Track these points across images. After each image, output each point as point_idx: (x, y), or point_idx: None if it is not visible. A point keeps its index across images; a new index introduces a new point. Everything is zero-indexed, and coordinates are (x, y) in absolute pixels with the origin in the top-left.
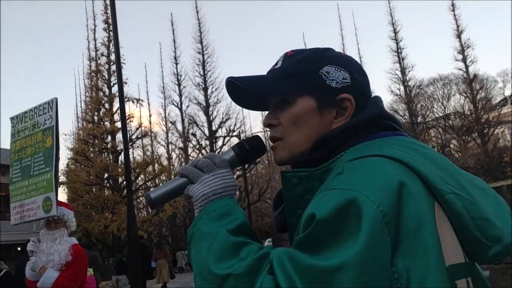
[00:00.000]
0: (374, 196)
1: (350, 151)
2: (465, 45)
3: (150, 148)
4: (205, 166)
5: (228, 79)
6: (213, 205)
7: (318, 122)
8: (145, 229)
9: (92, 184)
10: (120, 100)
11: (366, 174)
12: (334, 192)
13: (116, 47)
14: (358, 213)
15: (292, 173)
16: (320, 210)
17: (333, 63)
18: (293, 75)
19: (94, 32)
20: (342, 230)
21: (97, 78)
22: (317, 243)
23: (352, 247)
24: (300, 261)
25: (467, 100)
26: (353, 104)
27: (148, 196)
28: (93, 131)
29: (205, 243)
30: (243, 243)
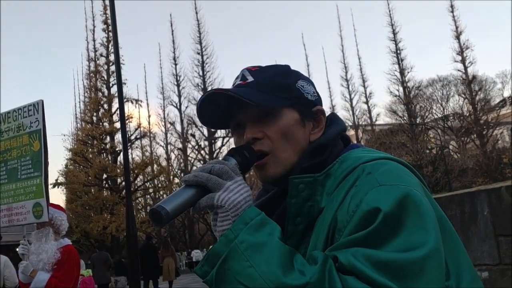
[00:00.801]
0: (418, 189)
1: (346, 159)
2: (464, 46)
3: (149, 148)
4: (224, 173)
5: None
6: (248, 214)
7: (302, 134)
8: (144, 230)
9: (91, 184)
10: (119, 101)
11: (399, 172)
12: (387, 187)
13: (115, 48)
14: (416, 205)
15: (300, 178)
16: (385, 204)
17: (302, 78)
18: (275, 88)
19: (93, 33)
20: (408, 222)
21: (96, 78)
22: (386, 237)
23: (428, 237)
24: (380, 257)
25: (466, 101)
26: (324, 116)
27: (163, 210)
28: (92, 132)
29: (259, 255)
30: (292, 251)
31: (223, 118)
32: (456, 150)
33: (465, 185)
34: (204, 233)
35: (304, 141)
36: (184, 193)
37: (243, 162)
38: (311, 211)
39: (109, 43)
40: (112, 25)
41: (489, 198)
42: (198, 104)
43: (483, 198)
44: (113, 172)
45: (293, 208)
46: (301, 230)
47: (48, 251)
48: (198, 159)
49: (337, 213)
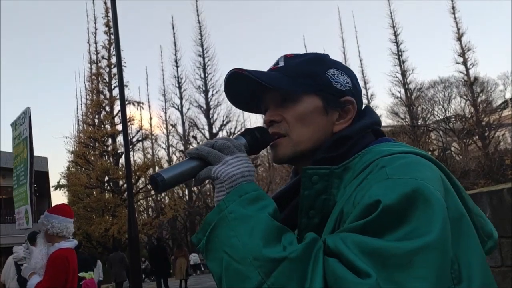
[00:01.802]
0: (433, 184)
1: (368, 152)
2: (465, 47)
3: (151, 151)
4: (226, 148)
5: (236, 71)
6: (244, 188)
7: (323, 122)
8: (145, 232)
9: (93, 187)
10: (121, 103)
11: (415, 166)
12: (395, 180)
13: (117, 50)
14: (426, 200)
15: (314, 170)
16: (387, 197)
17: (337, 67)
18: (301, 74)
19: (95, 35)
20: (412, 216)
21: (98, 81)
22: (383, 228)
23: (430, 229)
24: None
25: (467, 103)
26: (355, 107)
27: (159, 176)
28: (94, 134)
29: (244, 226)
30: (284, 229)
31: (250, 100)
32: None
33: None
34: None
35: (324, 130)
36: (185, 164)
37: (252, 141)
38: (326, 204)
39: (110, 45)
40: (114, 27)
41: (490, 200)
42: (224, 84)
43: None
44: (115, 174)
45: (306, 200)
46: (315, 224)
47: (37, 256)
48: None
49: (344, 205)
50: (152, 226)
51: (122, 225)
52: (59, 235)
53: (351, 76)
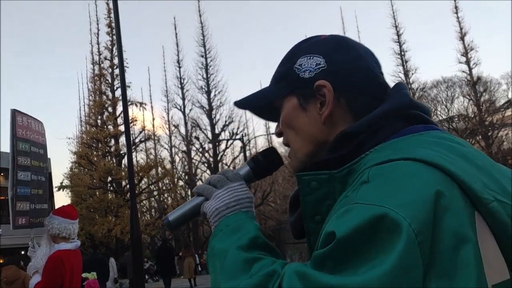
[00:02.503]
0: (405, 212)
1: (376, 151)
2: (468, 47)
3: (153, 151)
4: (217, 182)
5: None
6: (226, 221)
7: (304, 120)
8: (148, 232)
9: (96, 187)
10: (123, 104)
11: (397, 184)
12: (358, 207)
13: (119, 51)
14: (387, 232)
15: (311, 176)
16: (341, 228)
17: (306, 53)
18: (278, 79)
19: (97, 36)
20: (366, 251)
21: (100, 81)
22: (336, 262)
23: (377, 268)
24: (312, 278)
25: (470, 102)
26: (329, 89)
27: (166, 220)
28: (97, 135)
29: (218, 262)
30: (255, 259)
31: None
32: None
33: None
34: (208, 235)
35: (311, 127)
36: (190, 203)
37: (255, 167)
38: (331, 210)
39: (113, 46)
40: (116, 28)
41: None
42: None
43: None
44: (117, 175)
45: (308, 207)
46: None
47: (38, 257)
48: (202, 161)
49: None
50: (155, 226)
51: (125, 225)
52: (60, 236)
53: (326, 52)
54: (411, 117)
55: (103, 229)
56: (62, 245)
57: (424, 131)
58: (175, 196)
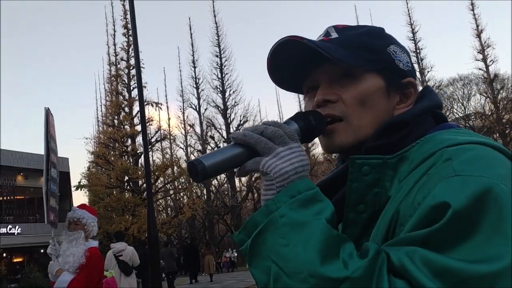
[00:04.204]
0: (508, 184)
1: (425, 142)
2: (485, 44)
3: (169, 151)
4: (277, 137)
5: (291, 38)
6: (297, 186)
7: (384, 105)
8: (165, 231)
9: (113, 187)
10: (139, 104)
11: (487, 160)
12: (464, 178)
13: (135, 52)
14: (498, 204)
15: (365, 159)
16: (456, 200)
17: (396, 43)
18: (362, 48)
19: (114, 37)
20: (484, 225)
21: (117, 82)
22: (451, 239)
23: (507, 247)
24: (442, 263)
25: (487, 100)
26: (416, 91)
27: (200, 164)
28: (114, 135)
29: (297, 234)
30: (342, 238)
31: (296, 76)
32: None
33: None
34: (224, 234)
35: (385, 114)
36: (229, 151)
37: (306, 128)
38: (377, 199)
39: (129, 47)
40: (132, 29)
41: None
42: (270, 54)
43: None
44: (134, 174)
45: (354, 194)
46: (364, 219)
47: (76, 254)
48: None
49: (401, 204)
50: (171, 225)
51: (142, 224)
52: (92, 235)
53: (409, 56)
54: (438, 115)
55: (120, 228)
56: (93, 243)
57: (455, 127)
58: (190, 195)
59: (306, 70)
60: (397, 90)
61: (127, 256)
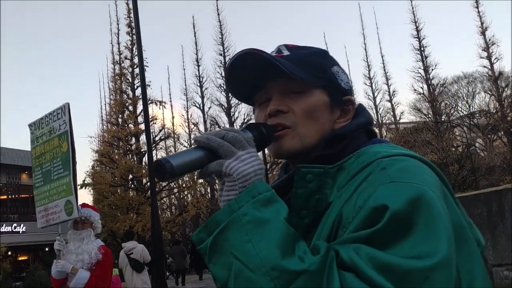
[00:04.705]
0: (435, 190)
1: (360, 154)
2: (489, 42)
3: (173, 149)
4: (238, 142)
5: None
6: (257, 188)
7: (327, 118)
8: (169, 229)
9: (117, 185)
10: (143, 103)
11: (417, 170)
12: (400, 184)
13: (139, 50)
14: (430, 207)
15: (309, 168)
16: (394, 202)
17: (337, 64)
18: (310, 66)
19: (117, 36)
20: (419, 225)
21: (121, 81)
22: (391, 238)
23: (439, 245)
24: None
25: (492, 98)
26: (354, 107)
27: (168, 163)
28: (118, 133)
29: (260, 231)
30: (297, 236)
31: (250, 88)
32: (483, 147)
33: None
34: None
35: (327, 127)
36: (193, 152)
37: (259, 138)
38: (318, 204)
39: (133, 46)
40: (136, 28)
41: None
42: (228, 64)
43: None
44: (138, 173)
45: (299, 200)
46: (306, 224)
47: (91, 252)
48: None
49: (343, 208)
50: (175, 223)
51: (146, 222)
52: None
53: (348, 77)
54: (369, 131)
55: (124, 226)
56: (99, 241)
57: (384, 142)
58: (194, 193)
59: (260, 82)
60: (339, 106)
61: (137, 254)
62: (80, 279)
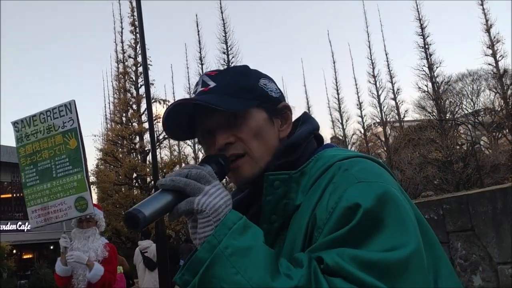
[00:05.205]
0: (396, 188)
1: (317, 159)
2: (494, 39)
3: (177, 148)
4: (202, 177)
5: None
6: (231, 218)
7: (272, 132)
8: (172, 227)
9: (121, 183)
10: (147, 101)
11: (376, 170)
12: (366, 184)
13: (142, 49)
14: (395, 203)
15: (275, 175)
16: (365, 200)
17: (264, 76)
18: (240, 90)
19: (121, 35)
20: (388, 219)
21: (124, 79)
22: (366, 234)
23: (409, 236)
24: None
25: (497, 95)
26: (291, 111)
27: (140, 213)
28: (122, 132)
29: (245, 260)
30: (277, 255)
31: (187, 128)
32: (488, 145)
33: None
34: None
35: (275, 140)
36: (161, 197)
37: (218, 170)
38: (286, 208)
39: (136, 44)
40: (139, 26)
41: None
42: (163, 117)
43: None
44: (142, 171)
45: (269, 206)
46: (276, 228)
47: (97, 249)
48: None
49: (315, 210)
50: (179, 222)
51: None
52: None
53: (274, 82)
54: (317, 136)
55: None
56: (104, 239)
57: (334, 146)
58: None
59: (198, 121)
60: (277, 115)
61: (151, 253)
62: (98, 271)
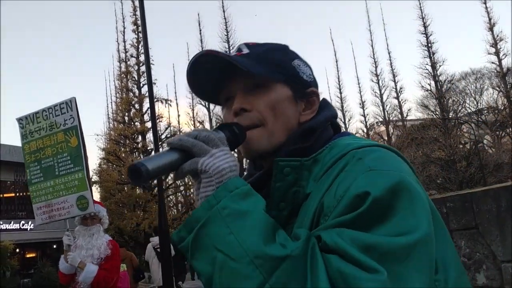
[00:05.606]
0: (411, 177)
1: (336, 144)
2: (497, 38)
3: None
4: (210, 140)
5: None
6: (234, 182)
7: (292, 112)
8: (175, 226)
9: (124, 183)
10: (149, 101)
11: (391, 159)
12: (378, 172)
13: (145, 49)
14: (409, 192)
15: (286, 161)
16: (375, 189)
17: (298, 58)
18: (271, 62)
19: (123, 34)
20: (400, 209)
21: (127, 79)
22: (373, 221)
23: (419, 223)
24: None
25: (500, 94)
26: (319, 99)
27: (143, 166)
28: (124, 131)
29: (240, 223)
30: (277, 225)
31: (213, 88)
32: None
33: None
34: None
35: (294, 120)
36: (167, 155)
37: (231, 137)
38: (296, 196)
39: (139, 44)
40: (142, 26)
41: None
42: (188, 66)
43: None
44: None
45: (278, 193)
46: (284, 216)
47: (101, 246)
48: None
49: (323, 198)
50: (182, 221)
51: (153, 220)
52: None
53: (311, 69)
54: (334, 124)
55: (131, 224)
56: (107, 236)
57: (351, 134)
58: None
59: (222, 82)
60: (302, 98)
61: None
62: (89, 273)
